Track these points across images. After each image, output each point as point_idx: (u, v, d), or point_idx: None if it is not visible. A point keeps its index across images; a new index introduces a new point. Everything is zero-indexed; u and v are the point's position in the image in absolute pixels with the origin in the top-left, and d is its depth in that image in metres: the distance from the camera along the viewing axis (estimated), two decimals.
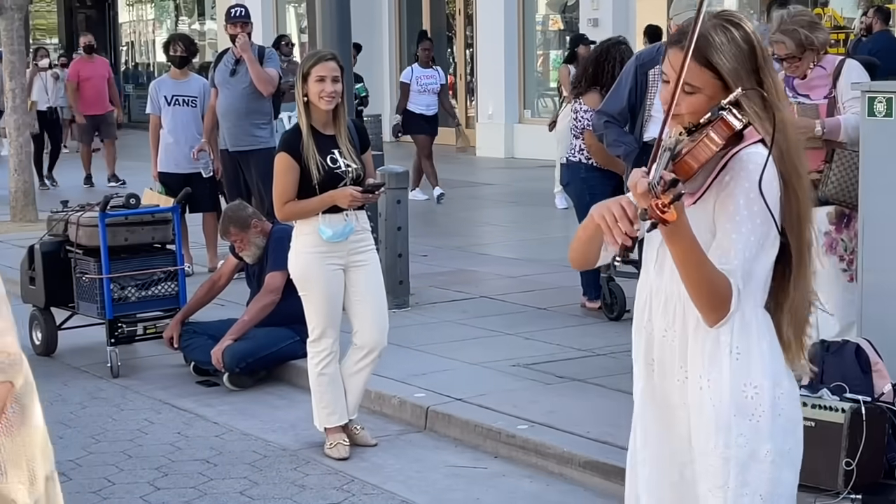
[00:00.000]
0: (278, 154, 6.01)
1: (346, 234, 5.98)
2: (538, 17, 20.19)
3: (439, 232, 12.20)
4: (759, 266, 2.88)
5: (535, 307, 8.67)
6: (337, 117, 6.02)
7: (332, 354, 6.10)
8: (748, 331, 2.91)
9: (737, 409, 2.90)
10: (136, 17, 33.22)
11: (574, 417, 6.19)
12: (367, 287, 6.07)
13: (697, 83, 2.88)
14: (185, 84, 10.47)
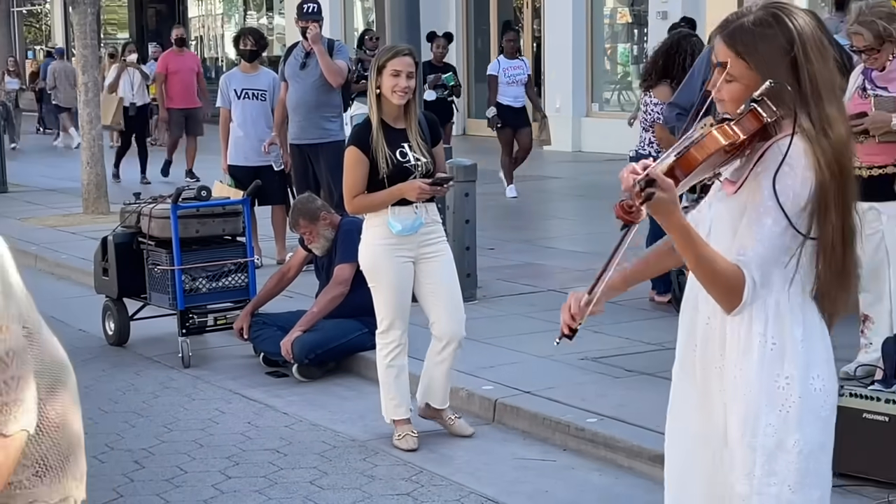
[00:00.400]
0: (348, 148, 6.05)
1: (415, 227, 6.00)
2: (606, 10, 20.11)
3: (507, 225, 12.20)
4: (789, 256, 2.90)
5: None
6: (408, 111, 6.03)
7: (400, 346, 6.13)
8: (782, 320, 2.93)
9: (767, 399, 2.92)
10: (205, 12, 33.50)
11: (643, 411, 6.17)
12: (441, 278, 6.09)
13: (733, 72, 2.91)
14: (255, 78, 10.55)
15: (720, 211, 2.98)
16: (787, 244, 2.89)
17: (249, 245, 8.21)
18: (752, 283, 2.86)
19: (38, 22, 39.29)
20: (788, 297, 2.94)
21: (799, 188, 2.85)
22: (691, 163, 2.81)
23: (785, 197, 2.84)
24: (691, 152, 2.81)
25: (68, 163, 19.13)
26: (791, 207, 2.85)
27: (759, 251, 2.86)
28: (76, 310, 9.40)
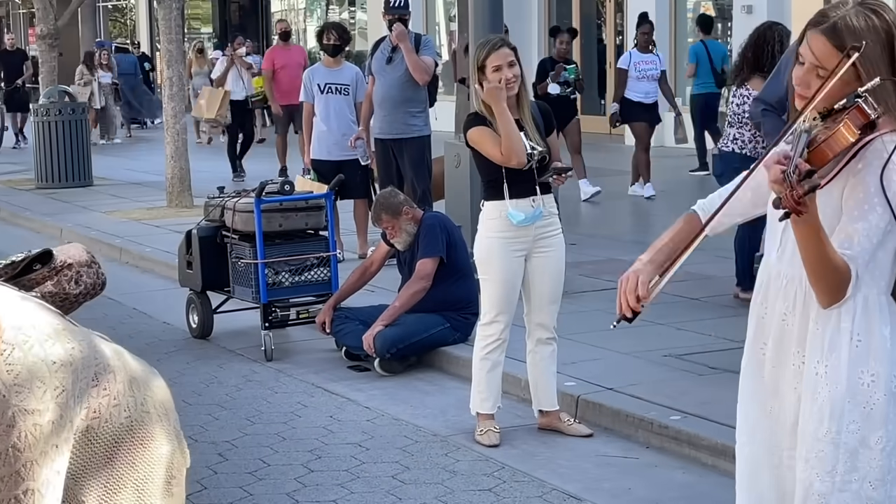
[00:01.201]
0: (472, 129, 5.97)
1: (535, 218, 5.97)
2: (689, 3, 19.93)
3: (590, 221, 12.14)
4: (883, 253, 2.88)
5: (688, 297, 8.57)
6: (520, 100, 5.99)
7: (499, 341, 6.10)
8: (870, 317, 2.91)
9: (851, 396, 2.90)
10: (287, 6, 33.71)
11: (727, 409, 6.04)
12: (549, 274, 6.09)
13: (831, 67, 2.85)
14: (338, 72, 10.59)
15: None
16: (888, 241, 2.87)
17: (332, 239, 8.25)
18: (855, 278, 2.86)
19: (124, 17, 39.81)
20: (878, 294, 2.92)
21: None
22: (823, 159, 2.77)
23: (893, 193, 2.82)
24: (822, 148, 2.76)
25: (153, 156, 19.36)
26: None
27: (865, 247, 2.85)
28: (160, 303, 9.51)
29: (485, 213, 6.06)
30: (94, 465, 2.15)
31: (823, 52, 2.87)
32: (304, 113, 10.77)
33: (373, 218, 7.89)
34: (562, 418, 6.26)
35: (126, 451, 2.18)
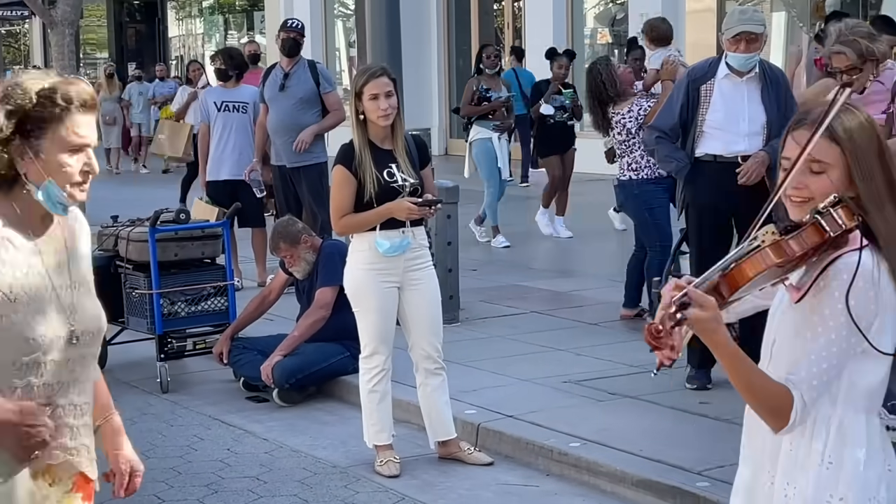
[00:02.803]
0: (335, 167, 5.99)
1: (403, 247, 5.94)
2: (587, 30, 20.13)
3: (488, 246, 12.15)
4: (859, 376, 2.76)
5: (586, 323, 8.61)
6: (394, 132, 5.98)
7: (383, 372, 6.07)
8: (843, 439, 2.79)
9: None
10: (185, 32, 33.46)
11: (626, 435, 6.13)
12: (425, 308, 6.05)
13: (827, 159, 2.74)
14: (235, 91, 10.48)
15: (785, 321, 2.85)
16: (849, 363, 2.75)
17: (229, 268, 8.15)
18: (801, 405, 2.72)
19: (17, 42, 39.19)
20: (855, 414, 2.80)
21: (871, 304, 2.71)
22: (738, 281, 2.64)
23: (858, 312, 2.69)
24: (741, 268, 2.64)
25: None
26: (865, 325, 2.71)
27: (812, 371, 2.72)
28: None
29: (353, 245, 6.05)
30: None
31: (816, 145, 2.73)
32: (199, 135, 10.64)
33: (271, 247, 7.81)
34: (462, 447, 6.23)
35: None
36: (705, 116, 6.84)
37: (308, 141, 9.80)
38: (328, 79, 10.17)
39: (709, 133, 6.84)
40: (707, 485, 5.44)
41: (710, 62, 7.08)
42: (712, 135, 6.83)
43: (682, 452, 5.82)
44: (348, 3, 25.55)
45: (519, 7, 20.84)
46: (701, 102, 6.85)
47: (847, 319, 2.68)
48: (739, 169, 6.69)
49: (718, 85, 6.84)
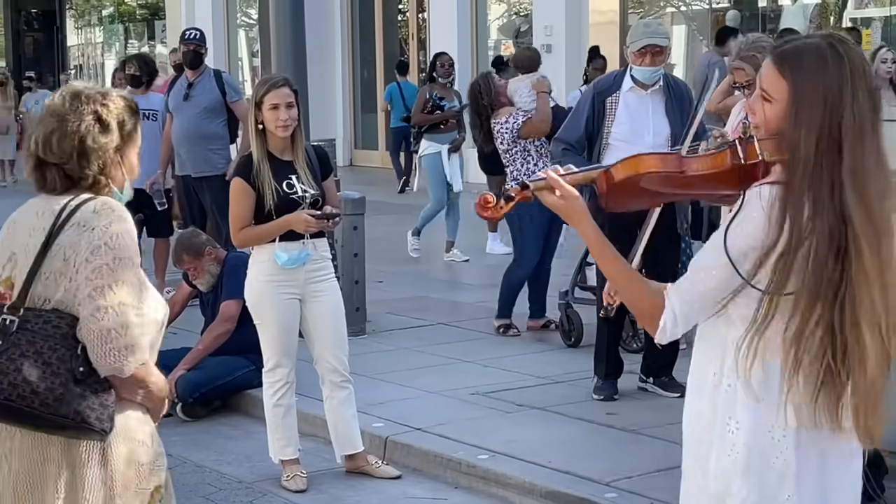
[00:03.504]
0: (233, 179, 5.93)
1: (302, 259, 5.89)
2: (490, 41, 20.21)
3: (394, 258, 12.11)
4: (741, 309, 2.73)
5: (492, 334, 8.62)
6: (294, 143, 5.93)
7: (287, 385, 6.01)
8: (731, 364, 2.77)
9: (718, 442, 2.81)
10: (84, 41, 33.02)
11: (535, 447, 6.13)
12: (327, 319, 5.98)
13: (774, 93, 2.71)
14: (145, 98, 10.35)
15: None
16: (738, 291, 2.72)
17: None
18: (671, 316, 2.76)
19: None
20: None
21: (753, 241, 2.68)
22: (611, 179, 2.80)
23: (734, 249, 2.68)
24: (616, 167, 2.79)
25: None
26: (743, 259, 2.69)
27: (685, 287, 2.77)
28: None
29: (253, 257, 5.98)
30: None
31: (769, 76, 2.72)
32: None
33: (174, 259, 7.70)
34: (369, 460, 6.18)
35: None
36: (611, 129, 6.88)
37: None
38: (235, 88, 10.07)
39: (614, 145, 6.88)
40: (615, 496, 5.46)
41: (614, 75, 7.14)
42: (618, 147, 6.87)
43: (590, 464, 5.83)
44: (251, 13, 25.40)
45: (423, 18, 20.86)
46: (606, 115, 6.90)
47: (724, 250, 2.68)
48: None
49: (623, 97, 6.89)
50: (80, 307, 3.11)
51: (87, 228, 3.13)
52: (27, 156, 3.26)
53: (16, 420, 3.13)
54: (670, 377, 6.93)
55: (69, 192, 3.21)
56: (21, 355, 3.06)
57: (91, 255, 3.11)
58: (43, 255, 3.14)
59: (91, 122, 3.18)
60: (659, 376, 6.95)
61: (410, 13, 21.69)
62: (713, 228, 8.17)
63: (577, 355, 7.80)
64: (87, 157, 3.18)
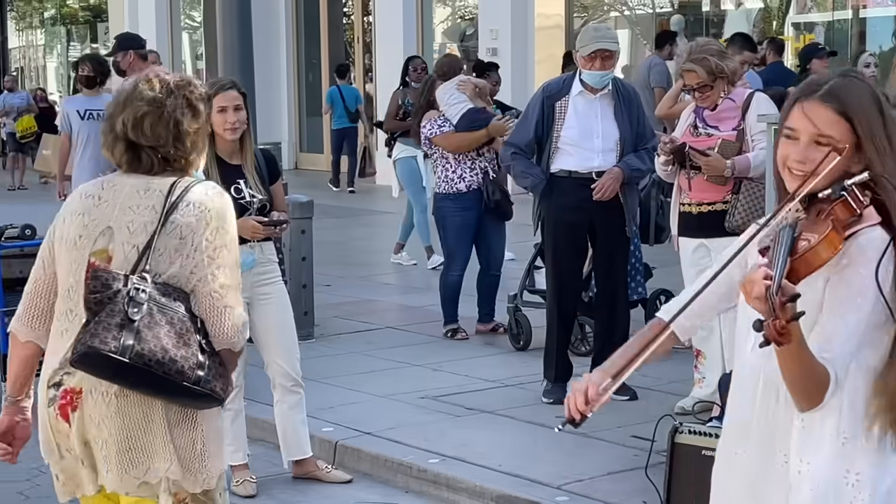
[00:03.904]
0: None
1: (249, 265, 5.84)
2: (435, 45, 20.22)
3: (342, 262, 12.07)
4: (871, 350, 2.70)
5: (441, 338, 8.61)
6: (243, 146, 5.89)
7: (236, 388, 5.94)
8: (856, 413, 2.72)
9: (835, 495, 2.73)
10: (25, 43, 32.66)
11: (485, 450, 6.13)
12: (275, 321, 5.94)
13: (835, 134, 2.66)
14: (97, 99, 10.26)
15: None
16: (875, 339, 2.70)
17: None
18: (835, 381, 2.66)
19: None
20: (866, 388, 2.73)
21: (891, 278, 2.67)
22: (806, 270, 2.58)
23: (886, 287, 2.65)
24: (807, 258, 2.57)
25: None
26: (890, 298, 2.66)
27: (846, 349, 2.66)
28: None
29: None
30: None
31: (825, 119, 2.67)
32: (60, 146, 10.38)
33: None
34: (319, 465, 6.16)
35: None
36: (560, 133, 6.90)
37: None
38: None
39: (564, 149, 6.90)
40: (566, 499, 5.47)
41: (564, 79, 7.16)
42: (567, 151, 6.89)
43: (540, 467, 5.84)
44: (195, 16, 25.25)
45: (369, 22, 20.83)
46: (556, 119, 6.92)
47: (876, 294, 2.63)
48: (594, 185, 6.76)
49: (573, 101, 6.91)
50: (200, 283, 3.32)
51: (203, 209, 3.36)
52: (109, 136, 3.43)
53: (149, 386, 3.26)
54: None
55: (164, 173, 3.41)
56: (157, 325, 3.23)
57: (211, 235, 3.35)
58: (158, 233, 3.31)
59: (185, 108, 3.40)
60: None
61: (356, 16, 21.65)
62: (660, 231, 8.25)
63: (526, 359, 7.81)
64: (181, 140, 3.40)
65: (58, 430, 3.35)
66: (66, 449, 3.37)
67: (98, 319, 3.21)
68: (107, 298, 3.23)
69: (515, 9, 16.98)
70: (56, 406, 3.34)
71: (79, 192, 3.50)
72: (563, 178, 6.89)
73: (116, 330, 3.19)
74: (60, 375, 3.34)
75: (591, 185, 6.78)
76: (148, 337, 3.20)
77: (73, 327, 3.32)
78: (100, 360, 3.20)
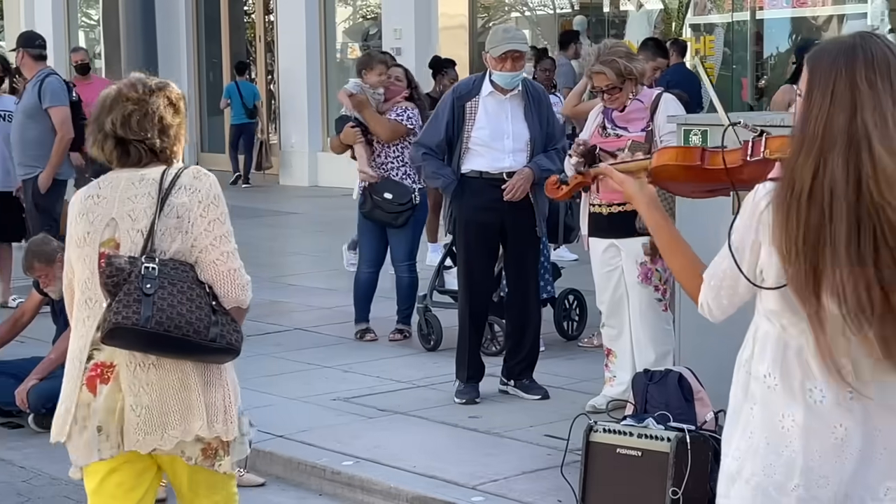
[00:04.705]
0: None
1: None
2: (338, 44, 20.16)
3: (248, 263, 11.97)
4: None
5: (351, 339, 8.58)
6: None
7: None
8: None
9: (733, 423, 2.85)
10: None
11: (399, 452, 6.12)
12: None
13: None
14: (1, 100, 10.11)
15: None
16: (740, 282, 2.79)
17: None
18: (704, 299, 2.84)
19: None
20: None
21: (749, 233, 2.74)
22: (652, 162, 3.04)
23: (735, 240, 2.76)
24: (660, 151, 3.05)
25: None
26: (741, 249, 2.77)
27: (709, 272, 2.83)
28: None
29: None
30: None
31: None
32: None
33: (24, 266, 7.46)
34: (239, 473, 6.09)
35: None
36: (471, 133, 6.92)
37: (46, 185, 9.49)
38: (50, 93, 9.58)
39: (474, 150, 6.92)
40: (481, 499, 5.48)
41: (474, 80, 7.17)
42: (478, 151, 6.91)
43: (455, 467, 5.84)
44: (91, 14, 24.88)
45: (270, 21, 20.70)
46: (466, 119, 6.93)
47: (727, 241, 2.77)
48: (505, 185, 6.79)
49: (483, 102, 6.93)
50: (202, 254, 3.79)
51: (193, 190, 3.81)
52: (98, 135, 3.86)
53: (173, 349, 3.71)
54: (531, 380, 6.99)
55: (151, 164, 3.86)
56: (170, 294, 3.68)
57: (204, 211, 3.80)
58: (157, 216, 3.76)
59: (165, 105, 3.87)
60: (520, 379, 7.00)
61: (257, 15, 21.50)
62: (569, 231, 8.31)
63: (438, 359, 7.82)
64: (166, 133, 3.87)
65: (81, 402, 3.78)
66: (84, 418, 3.78)
67: (118, 299, 3.66)
68: (122, 280, 3.68)
69: (419, 9, 17.00)
70: (84, 378, 3.78)
71: (79, 195, 3.93)
72: (473, 179, 6.91)
73: (136, 305, 3.64)
74: (89, 352, 3.78)
75: (502, 186, 6.80)
76: (164, 306, 3.66)
77: (95, 313, 3.77)
78: (126, 333, 3.66)
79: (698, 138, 5.88)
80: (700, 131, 5.87)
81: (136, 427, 3.75)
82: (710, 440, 5.20)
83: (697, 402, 5.47)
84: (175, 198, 3.80)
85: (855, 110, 2.57)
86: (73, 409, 3.80)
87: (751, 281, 2.72)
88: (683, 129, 5.96)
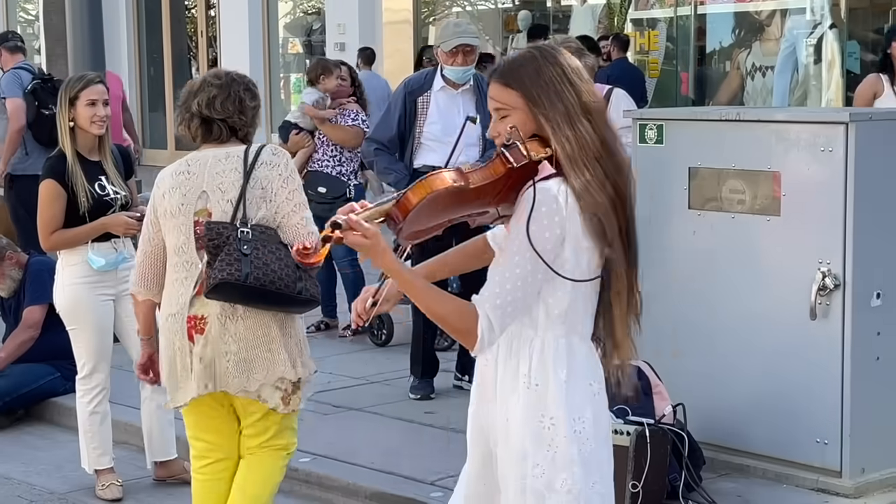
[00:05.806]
0: (44, 181, 5.73)
1: (118, 263, 5.77)
2: (280, 39, 20.06)
3: None
4: (554, 300, 2.92)
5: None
6: (102, 143, 5.80)
7: (104, 391, 5.85)
8: (545, 361, 2.93)
9: (532, 440, 2.93)
10: None
11: (356, 448, 6.11)
12: None
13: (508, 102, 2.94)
14: None
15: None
16: (543, 288, 2.90)
17: None
18: (486, 322, 2.85)
19: None
20: (555, 339, 2.94)
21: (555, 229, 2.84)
22: (406, 206, 2.80)
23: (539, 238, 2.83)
24: (407, 195, 2.80)
25: None
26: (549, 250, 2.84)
27: (495, 292, 2.85)
28: None
29: (64, 259, 5.80)
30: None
31: (500, 94, 2.95)
32: None
33: None
34: (186, 468, 6.05)
35: None
36: (423, 128, 6.91)
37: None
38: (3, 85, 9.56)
39: (426, 144, 6.91)
40: (440, 495, 5.47)
41: (425, 74, 7.16)
42: (430, 146, 6.91)
43: (412, 463, 5.84)
44: (29, 9, 24.59)
45: (212, 15, 20.56)
46: (418, 114, 6.92)
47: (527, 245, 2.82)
48: None
49: (434, 97, 6.92)
50: (285, 219, 4.39)
51: (273, 165, 4.40)
52: (186, 115, 4.46)
53: (266, 301, 4.32)
54: None
55: (231, 141, 4.46)
56: (263, 255, 4.27)
57: (284, 182, 4.39)
58: (245, 187, 4.33)
59: (244, 90, 4.47)
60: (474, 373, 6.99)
61: (199, 9, 21.32)
62: None
63: (392, 355, 7.81)
64: (245, 114, 4.46)
65: (180, 348, 4.36)
66: (181, 364, 4.36)
67: (221, 258, 4.23)
68: (222, 242, 4.26)
69: (363, 3, 16.95)
70: (183, 328, 4.35)
71: (168, 171, 4.44)
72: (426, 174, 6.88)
73: (237, 264, 4.22)
74: (181, 307, 4.34)
75: None
76: (259, 265, 4.24)
77: (191, 274, 4.36)
78: (229, 288, 4.24)
79: (654, 133, 5.90)
80: (655, 125, 5.89)
81: (225, 371, 4.33)
82: (669, 433, 5.24)
83: (656, 395, 5.50)
84: (259, 171, 4.39)
85: None
86: (176, 358, 4.37)
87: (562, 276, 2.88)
88: (639, 124, 5.98)
